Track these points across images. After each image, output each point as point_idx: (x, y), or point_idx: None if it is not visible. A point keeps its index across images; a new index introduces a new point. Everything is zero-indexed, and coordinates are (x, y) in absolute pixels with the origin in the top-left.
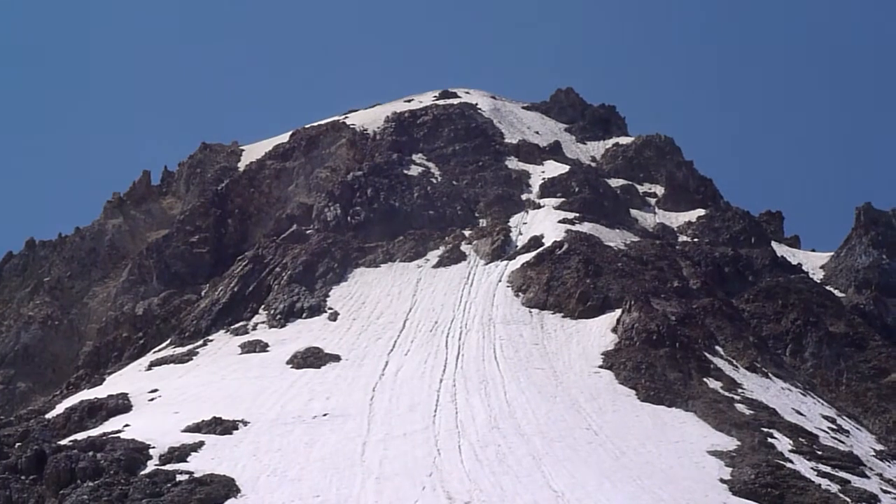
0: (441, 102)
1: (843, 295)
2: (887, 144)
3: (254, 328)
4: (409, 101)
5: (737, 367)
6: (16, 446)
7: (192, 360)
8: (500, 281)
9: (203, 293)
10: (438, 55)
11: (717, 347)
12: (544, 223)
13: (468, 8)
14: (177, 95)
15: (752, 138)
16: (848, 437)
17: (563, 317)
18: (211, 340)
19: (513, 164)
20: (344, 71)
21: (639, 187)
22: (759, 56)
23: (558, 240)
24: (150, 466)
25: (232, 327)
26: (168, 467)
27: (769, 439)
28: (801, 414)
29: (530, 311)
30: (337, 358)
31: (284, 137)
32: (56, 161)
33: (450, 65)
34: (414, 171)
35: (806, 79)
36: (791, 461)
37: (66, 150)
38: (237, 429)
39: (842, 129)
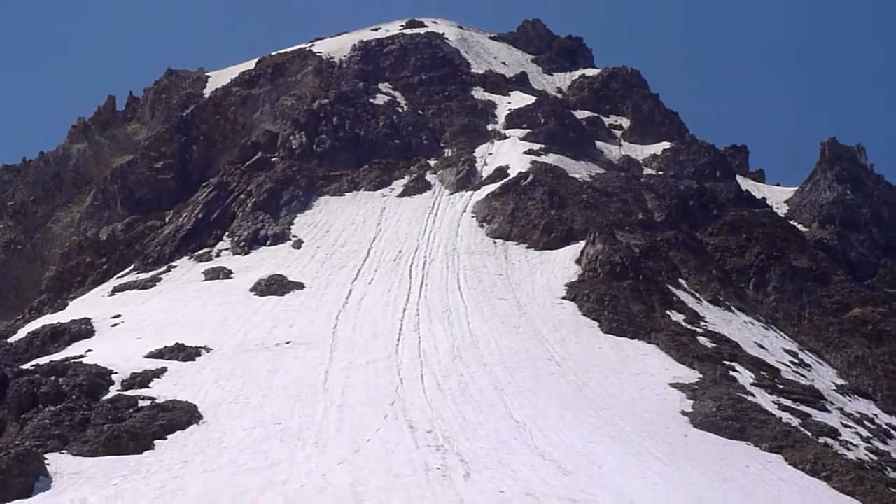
0: (408, 32)
1: (806, 230)
2: (853, 79)
3: (217, 255)
4: (375, 29)
5: (700, 300)
6: None
7: (155, 286)
8: (464, 211)
9: (167, 219)
10: None
11: (681, 280)
12: (510, 154)
13: None
14: (143, 21)
15: (718, 73)
16: (809, 371)
17: (527, 248)
18: (174, 267)
19: (479, 94)
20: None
21: (605, 119)
22: None
23: (523, 171)
24: (113, 392)
25: (195, 254)
26: (130, 393)
27: (731, 372)
28: (763, 348)
29: (494, 242)
30: (300, 286)
31: (251, 65)
32: (21, 86)
33: None
34: (380, 100)
35: (772, 12)
36: (752, 394)
37: (31, 74)
38: (200, 355)
39: (808, 64)
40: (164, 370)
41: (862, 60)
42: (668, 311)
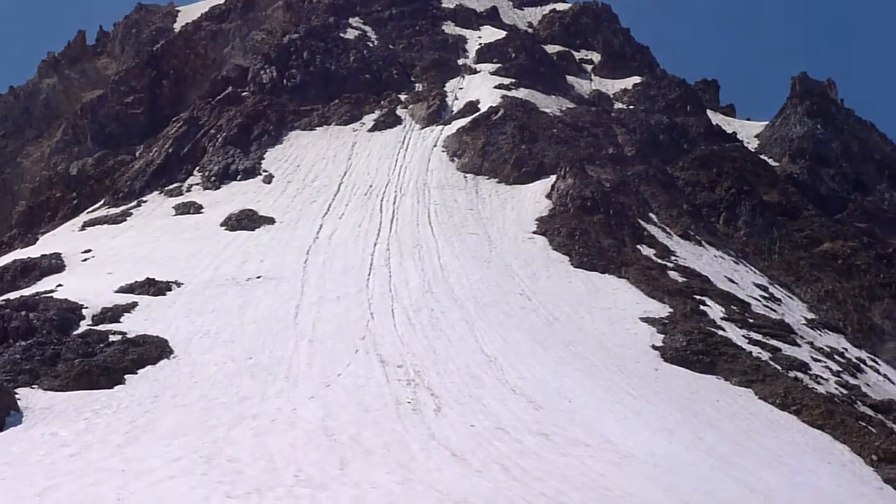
0: None
1: (777, 164)
2: (823, 14)
3: (188, 190)
4: None
5: (670, 234)
6: None
7: (125, 220)
8: (435, 146)
9: (137, 154)
10: None
11: (651, 215)
12: (480, 88)
13: None
14: None
15: (689, 7)
16: (780, 305)
17: (498, 182)
18: (145, 201)
19: (449, 28)
20: None
21: (575, 54)
22: None
23: (494, 105)
24: (83, 327)
25: (166, 189)
26: (101, 328)
27: (701, 307)
28: (734, 282)
29: (465, 177)
30: (271, 220)
31: None
32: None
33: None
34: (350, 34)
35: None
36: (723, 328)
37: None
38: (170, 290)
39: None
40: (134, 305)
41: None
42: (638, 246)
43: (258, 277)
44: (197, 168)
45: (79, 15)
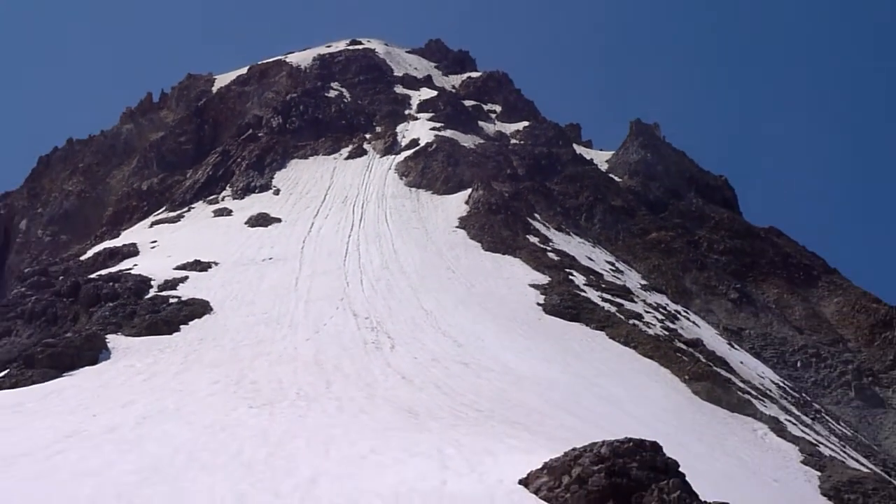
0: (351, 48)
1: (620, 180)
2: (652, 75)
3: (222, 200)
4: (329, 46)
5: (549, 228)
6: (60, 279)
7: (180, 221)
8: (390, 169)
9: (188, 175)
10: (350, 14)
11: (536, 215)
12: (420, 130)
13: None
14: (172, 40)
15: (559, 73)
16: (623, 275)
17: (432, 193)
18: (193, 208)
19: (399, 89)
20: (283, 24)
21: (484, 106)
22: (565, 12)
23: (429, 141)
24: (152, 292)
25: (207, 199)
26: (164, 293)
27: (570, 277)
28: (592, 260)
29: (410, 190)
30: (279, 220)
31: (244, 70)
32: (89, 84)
33: (358, 21)
34: (332, 93)
35: (593, 33)
36: (584, 291)
37: (98, 77)
38: (210, 268)
39: (618, 65)
40: (186, 278)
41: (661, 57)
42: (527, 236)
43: (270, 259)
44: (228, 185)
45: (147, 80)
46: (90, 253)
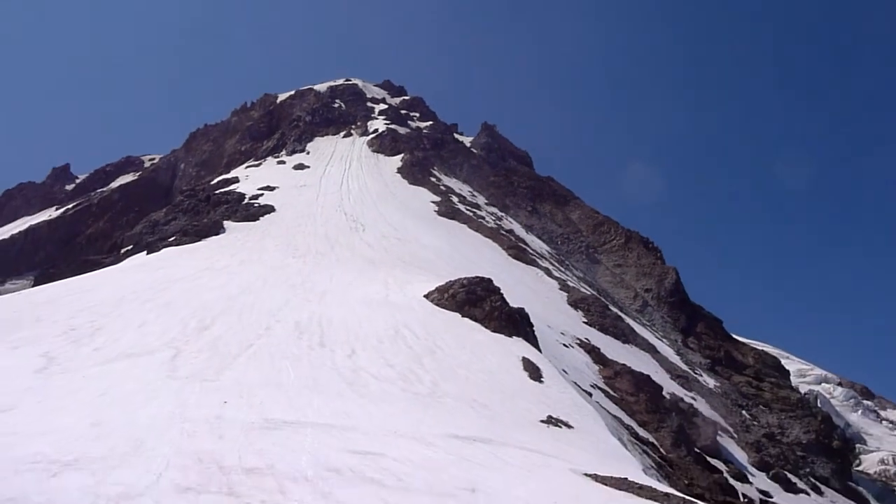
0: (342, 83)
1: (476, 151)
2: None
3: (280, 156)
4: (334, 81)
5: (440, 175)
6: (200, 192)
7: (260, 167)
8: (363, 143)
9: (263, 144)
10: (348, 59)
11: (434, 168)
12: (379, 124)
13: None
14: (259, 73)
15: (454, 94)
16: (476, 197)
17: (384, 155)
18: (266, 160)
19: (369, 104)
20: (315, 66)
21: (410, 113)
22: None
23: (383, 130)
24: (246, 200)
25: (274, 156)
26: (252, 202)
27: (450, 198)
28: (461, 191)
29: (374, 154)
30: (308, 167)
31: (292, 92)
32: (215, 90)
33: (351, 64)
34: (336, 105)
35: (511, 88)
36: (457, 205)
37: (220, 88)
38: (274, 189)
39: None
40: (262, 194)
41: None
42: (430, 178)
43: (303, 185)
44: (283, 149)
45: (243, 94)
46: (215, 181)
